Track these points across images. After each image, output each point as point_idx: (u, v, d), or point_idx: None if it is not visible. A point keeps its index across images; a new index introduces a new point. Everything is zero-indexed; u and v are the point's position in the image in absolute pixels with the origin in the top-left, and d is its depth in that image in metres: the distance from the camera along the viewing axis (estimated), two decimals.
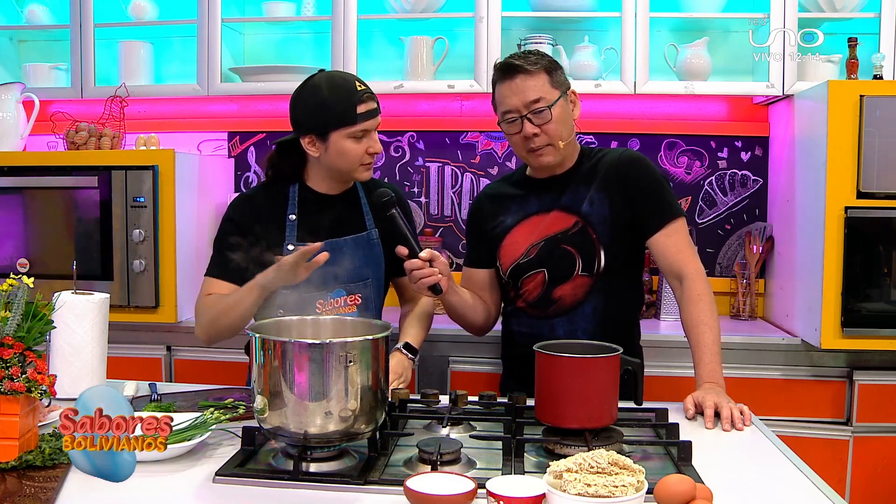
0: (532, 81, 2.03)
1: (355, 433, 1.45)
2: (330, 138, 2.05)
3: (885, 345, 2.66)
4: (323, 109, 2.04)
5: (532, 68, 2.03)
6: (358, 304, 2.14)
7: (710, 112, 3.34)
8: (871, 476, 2.74)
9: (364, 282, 2.16)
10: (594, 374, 1.56)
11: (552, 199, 2.13)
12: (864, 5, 3.01)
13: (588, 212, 2.08)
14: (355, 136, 2.04)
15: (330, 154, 2.08)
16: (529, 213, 2.15)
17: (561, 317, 2.10)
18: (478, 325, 2.24)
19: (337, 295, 2.13)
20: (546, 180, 2.16)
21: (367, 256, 2.16)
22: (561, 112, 2.05)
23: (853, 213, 2.61)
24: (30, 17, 3.40)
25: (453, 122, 3.42)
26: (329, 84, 2.06)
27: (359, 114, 2.03)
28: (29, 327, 1.55)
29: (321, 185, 2.18)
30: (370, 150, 2.08)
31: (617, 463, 1.24)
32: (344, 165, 2.09)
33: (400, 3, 3.16)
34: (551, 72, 2.05)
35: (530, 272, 2.13)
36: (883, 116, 2.59)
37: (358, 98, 2.04)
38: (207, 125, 3.55)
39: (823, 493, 1.39)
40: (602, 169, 2.11)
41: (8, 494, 1.35)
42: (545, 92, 2.03)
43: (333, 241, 2.12)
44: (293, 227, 2.14)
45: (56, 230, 3.04)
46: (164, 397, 1.94)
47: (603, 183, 2.09)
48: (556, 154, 2.07)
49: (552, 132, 2.04)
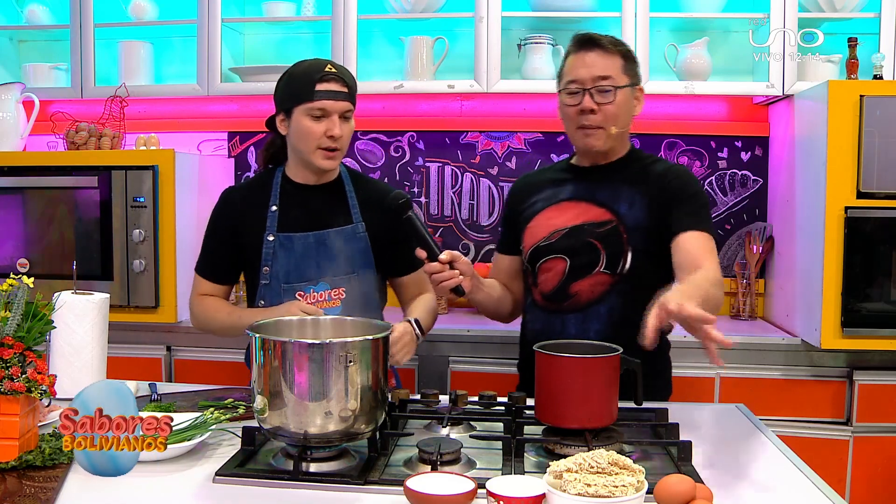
0: (607, 60, 1.99)
1: (355, 433, 1.45)
2: (293, 115, 2.08)
3: (885, 345, 2.66)
4: (290, 84, 2.09)
5: (610, 48, 2.00)
6: (343, 299, 2.13)
7: (710, 112, 3.34)
8: (871, 476, 2.73)
9: (349, 276, 2.14)
10: (594, 374, 1.56)
11: (588, 189, 2.07)
12: (864, 5, 3.01)
13: (625, 213, 2.01)
14: (313, 114, 2.05)
15: (292, 133, 2.10)
16: (562, 198, 2.09)
17: (575, 313, 2.02)
18: (505, 315, 2.21)
19: (321, 288, 2.12)
20: (588, 169, 2.10)
21: (352, 250, 2.14)
22: (624, 99, 2.00)
23: (853, 213, 2.61)
24: (30, 17, 3.40)
25: (453, 122, 3.42)
26: (304, 63, 2.12)
27: (317, 91, 2.04)
28: (29, 327, 1.55)
29: (297, 175, 2.18)
30: (328, 133, 2.06)
31: (617, 463, 1.24)
32: (302, 146, 2.09)
33: (400, 3, 3.16)
34: (627, 59, 2.02)
35: (549, 257, 2.06)
36: (883, 116, 2.59)
37: (320, 76, 2.05)
38: (207, 125, 3.55)
39: (823, 493, 1.39)
40: (649, 175, 2.05)
41: (8, 494, 1.35)
42: (616, 73, 1.99)
43: (317, 233, 2.12)
44: (274, 217, 2.14)
45: (56, 230, 3.04)
46: (164, 397, 1.94)
47: (646, 189, 2.02)
48: (606, 140, 2.02)
49: (609, 114, 1.99)
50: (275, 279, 2.12)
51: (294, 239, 2.12)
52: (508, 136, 3.40)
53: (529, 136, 3.38)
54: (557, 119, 2.01)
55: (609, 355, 1.58)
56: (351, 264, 2.14)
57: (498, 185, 3.41)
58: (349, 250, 2.14)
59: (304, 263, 2.12)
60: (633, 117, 2.07)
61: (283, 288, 2.11)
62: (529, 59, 3.13)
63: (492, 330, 2.87)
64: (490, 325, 2.91)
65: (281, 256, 2.12)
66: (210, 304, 2.21)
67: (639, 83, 2.06)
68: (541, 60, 3.12)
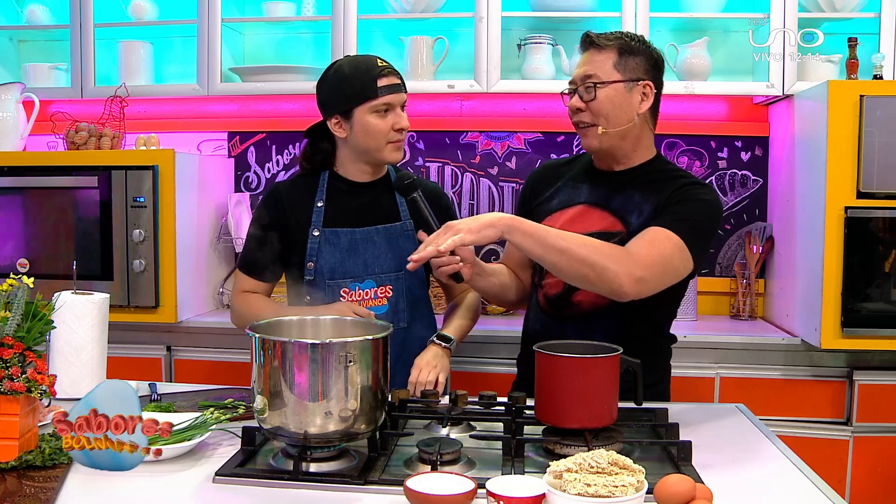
0: (597, 57, 1.93)
1: (355, 433, 1.45)
2: (354, 115, 2.06)
3: (885, 345, 2.66)
4: (344, 86, 2.06)
5: (603, 44, 1.93)
6: (389, 297, 2.13)
7: (710, 112, 3.35)
8: (871, 476, 2.74)
9: (396, 273, 2.13)
10: (594, 374, 1.56)
11: (604, 196, 1.99)
12: (864, 5, 3.01)
13: (635, 225, 1.92)
14: (378, 110, 2.05)
15: (356, 133, 2.08)
16: (577, 201, 2.02)
17: (574, 321, 1.97)
18: (509, 302, 2.17)
19: (367, 286, 2.11)
20: (606, 173, 2.02)
21: (400, 248, 2.13)
22: (612, 95, 1.91)
23: (853, 213, 2.61)
24: (30, 17, 3.40)
25: (453, 122, 3.42)
26: (350, 62, 2.10)
27: (380, 87, 2.04)
28: (29, 327, 1.55)
29: (351, 172, 2.16)
30: (396, 126, 2.07)
31: (617, 463, 1.24)
32: (371, 144, 2.08)
33: (400, 3, 3.16)
34: (624, 54, 1.92)
35: None
36: (883, 116, 2.59)
37: (378, 72, 2.05)
38: (207, 125, 3.55)
39: (823, 493, 1.39)
40: (665, 187, 1.93)
41: (8, 494, 1.35)
42: (602, 71, 1.91)
43: (364, 229, 2.12)
44: (320, 213, 2.13)
45: (56, 230, 3.04)
46: (164, 397, 1.94)
47: (656, 200, 1.92)
48: (598, 140, 1.94)
49: (594, 111, 1.92)
50: (319, 275, 2.09)
51: (340, 234, 2.11)
52: (508, 136, 3.40)
53: (529, 136, 3.38)
54: (557, 119, 2.01)
55: (609, 355, 1.58)
56: (398, 262, 2.12)
57: (498, 185, 3.41)
58: (396, 248, 2.13)
59: (349, 260, 2.10)
60: (636, 115, 1.94)
61: (327, 284, 2.09)
62: (529, 59, 3.13)
63: (492, 330, 2.87)
64: (490, 325, 2.92)
65: (326, 252, 2.10)
66: (253, 301, 2.18)
67: (640, 78, 1.93)
68: (541, 60, 3.12)
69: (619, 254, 1.77)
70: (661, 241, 1.81)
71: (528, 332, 2.12)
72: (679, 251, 1.81)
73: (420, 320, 2.20)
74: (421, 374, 2.04)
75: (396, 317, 2.12)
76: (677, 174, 1.99)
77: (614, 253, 1.77)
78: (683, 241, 1.82)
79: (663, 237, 1.81)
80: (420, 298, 2.20)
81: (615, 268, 1.74)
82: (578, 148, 3.32)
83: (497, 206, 3.40)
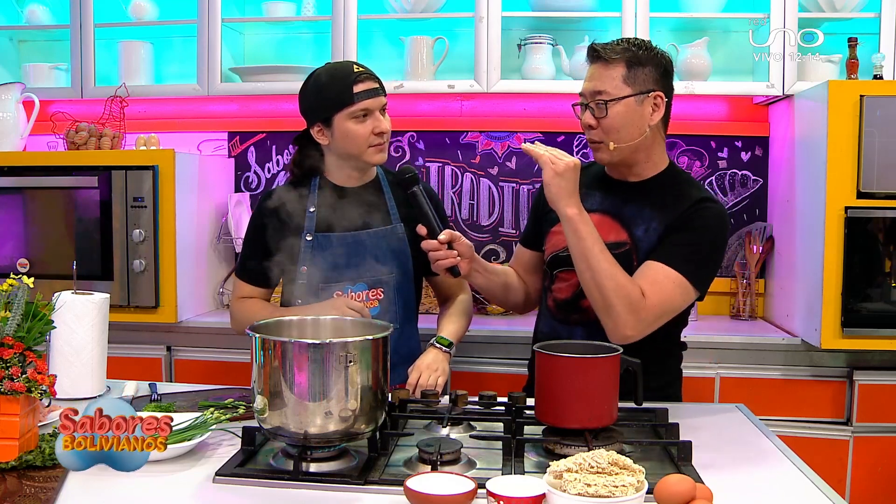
0: (606, 72, 1.90)
1: (355, 433, 1.45)
2: (334, 122, 2.09)
3: (885, 345, 2.66)
4: (322, 94, 2.10)
5: (612, 57, 1.90)
6: (380, 300, 2.14)
7: (710, 112, 3.34)
8: (871, 476, 2.73)
9: (387, 276, 2.15)
10: (594, 374, 1.56)
11: (615, 205, 1.98)
12: (864, 5, 3.01)
13: (640, 237, 1.92)
14: (356, 116, 2.07)
15: (337, 139, 2.10)
16: (589, 208, 1.94)
17: (583, 326, 1.97)
18: (515, 305, 2.18)
19: (359, 288, 2.13)
20: (619, 182, 2.01)
21: (390, 251, 2.15)
22: (624, 111, 1.89)
23: (853, 213, 2.61)
24: (30, 17, 3.40)
25: (453, 122, 3.42)
26: (327, 70, 2.13)
27: (356, 93, 2.06)
28: (29, 327, 1.55)
29: (339, 177, 2.19)
30: (376, 130, 2.09)
31: (617, 463, 1.24)
32: (353, 149, 2.10)
33: (400, 3, 3.16)
34: (632, 66, 1.89)
35: (567, 268, 1.97)
36: (883, 116, 2.59)
37: (354, 78, 2.07)
38: (207, 125, 3.55)
39: (823, 493, 1.39)
40: (676, 201, 1.92)
41: (8, 494, 1.35)
42: (612, 86, 1.89)
43: (355, 233, 2.13)
44: (312, 218, 2.15)
45: (56, 230, 3.04)
46: (164, 397, 1.94)
47: (665, 214, 1.92)
48: (609, 155, 1.93)
49: (606, 128, 1.91)
50: (312, 279, 2.12)
51: (332, 239, 2.13)
52: (508, 136, 3.40)
53: (529, 136, 3.38)
54: (557, 119, 2.00)
55: (609, 355, 1.58)
56: (389, 265, 2.15)
57: (498, 186, 3.41)
58: (388, 251, 2.15)
59: (341, 263, 2.12)
60: (647, 127, 1.91)
61: (320, 287, 2.12)
62: (529, 59, 3.13)
63: (492, 330, 2.87)
64: (490, 325, 2.92)
65: (318, 256, 2.12)
66: (250, 306, 2.20)
67: (650, 90, 1.90)
68: (541, 60, 3.12)
69: (634, 302, 1.80)
70: (662, 283, 1.84)
71: (539, 336, 2.11)
72: (680, 290, 1.85)
73: (411, 322, 2.24)
74: (421, 378, 2.06)
75: (388, 318, 2.13)
76: (688, 191, 1.96)
77: (631, 299, 1.80)
78: (685, 277, 1.85)
79: (663, 277, 1.84)
80: (410, 300, 2.22)
81: (625, 316, 1.80)
82: (579, 148, 3.32)
83: (497, 206, 3.40)
